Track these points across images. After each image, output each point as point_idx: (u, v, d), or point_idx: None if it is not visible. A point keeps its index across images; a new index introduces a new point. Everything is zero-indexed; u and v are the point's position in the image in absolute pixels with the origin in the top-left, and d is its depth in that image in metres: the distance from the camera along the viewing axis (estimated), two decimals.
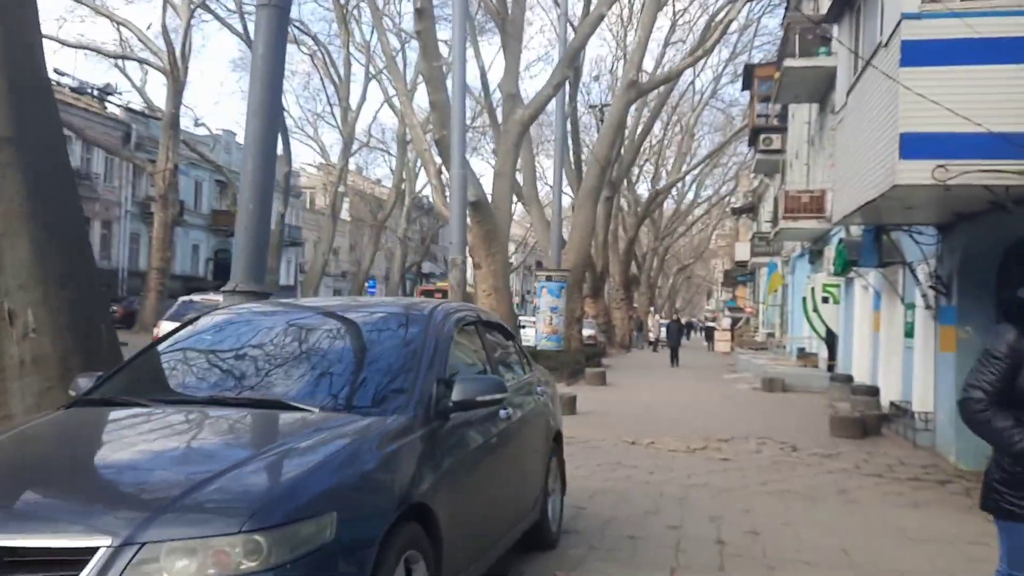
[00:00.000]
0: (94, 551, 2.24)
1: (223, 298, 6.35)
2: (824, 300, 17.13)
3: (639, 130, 29.85)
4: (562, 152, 22.82)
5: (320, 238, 37.62)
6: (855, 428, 10.53)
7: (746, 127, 30.63)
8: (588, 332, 27.34)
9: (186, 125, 32.21)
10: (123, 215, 38.75)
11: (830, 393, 13.74)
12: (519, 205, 27.97)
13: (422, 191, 40.68)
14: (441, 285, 33.29)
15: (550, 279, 19.38)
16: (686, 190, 45.19)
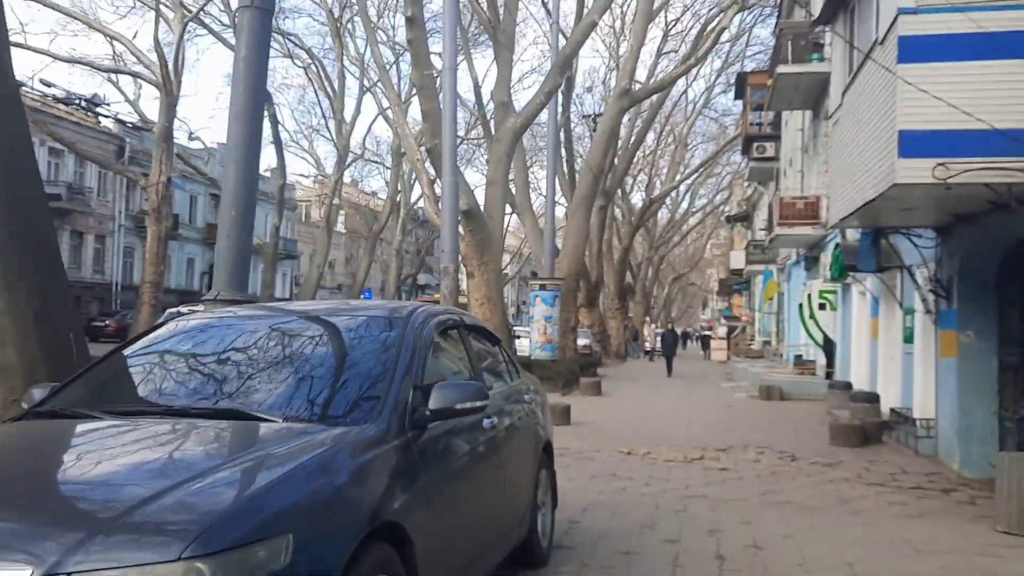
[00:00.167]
0: None
1: (204, 307, 6.13)
2: (821, 307, 16.95)
3: (632, 140, 29.84)
4: (555, 160, 22.70)
5: (315, 251, 37.37)
6: (855, 436, 10.34)
7: (739, 136, 30.57)
8: (583, 341, 27.23)
9: (181, 139, 32.09)
10: (117, 229, 38.58)
11: (829, 401, 13.55)
12: (513, 216, 27.84)
13: (417, 203, 40.56)
14: (437, 297, 33.09)
15: (544, 288, 19.22)
16: (680, 199, 45.14)
